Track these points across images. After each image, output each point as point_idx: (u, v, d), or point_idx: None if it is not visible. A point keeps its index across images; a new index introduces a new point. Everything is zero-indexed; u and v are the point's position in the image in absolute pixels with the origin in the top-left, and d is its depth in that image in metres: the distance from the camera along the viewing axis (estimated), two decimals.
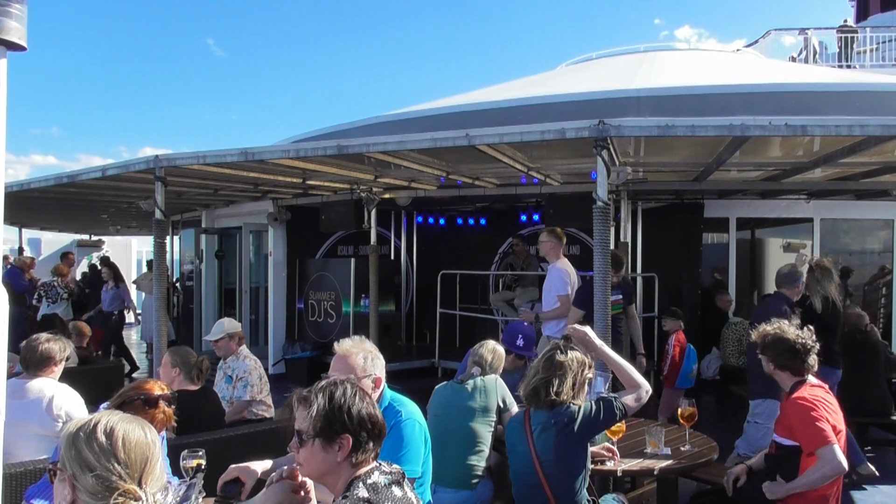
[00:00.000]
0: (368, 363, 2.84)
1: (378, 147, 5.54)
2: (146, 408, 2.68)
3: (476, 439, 3.64)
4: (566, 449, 2.96)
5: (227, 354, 5.14)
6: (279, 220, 10.04)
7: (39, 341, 3.83)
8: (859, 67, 16.16)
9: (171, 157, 6.24)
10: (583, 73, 13.66)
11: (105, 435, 1.60)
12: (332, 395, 1.93)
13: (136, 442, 1.62)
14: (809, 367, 3.25)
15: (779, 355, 3.27)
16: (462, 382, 3.80)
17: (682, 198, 9.03)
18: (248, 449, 3.64)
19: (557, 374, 3.03)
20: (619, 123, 4.56)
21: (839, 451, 2.99)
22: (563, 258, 6.04)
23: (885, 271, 9.66)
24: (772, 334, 3.32)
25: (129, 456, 1.60)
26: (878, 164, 6.47)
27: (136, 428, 1.66)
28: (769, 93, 9.75)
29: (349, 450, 1.89)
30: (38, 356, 3.77)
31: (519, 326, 4.79)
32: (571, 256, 10.33)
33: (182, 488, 2.33)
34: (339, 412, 1.90)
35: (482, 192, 8.81)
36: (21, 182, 8.33)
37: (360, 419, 1.91)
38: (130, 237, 20.20)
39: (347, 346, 2.86)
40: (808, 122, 4.53)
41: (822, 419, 3.05)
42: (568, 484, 2.97)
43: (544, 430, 2.99)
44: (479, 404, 3.70)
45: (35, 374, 3.76)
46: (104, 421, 1.64)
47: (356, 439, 1.90)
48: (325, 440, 1.89)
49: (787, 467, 3.15)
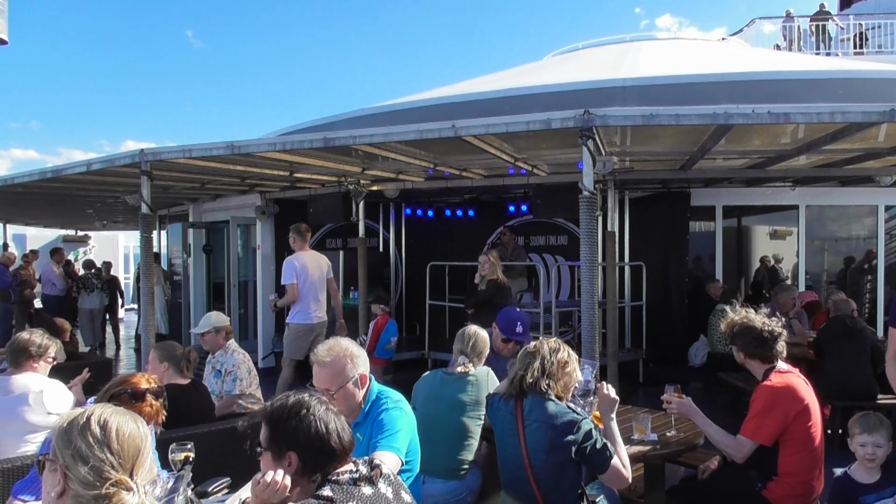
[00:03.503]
0: (349, 366, 2.78)
1: (365, 139, 5.53)
2: (133, 401, 2.68)
3: (466, 433, 3.64)
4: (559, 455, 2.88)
5: (215, 348, 5.13)
6: (267, 214, 10.00)
7: (21, 335, 3.85)
8: (842, 55, 16.28)
9: (157, 151, 6.20)
10: (569, 63, 13.66)
11: (99, 426, 1.62)
12: (283, 415, 1.93)
13: (129, 434, 1.64)
14: (778, 354, 3.29)
15: (748, 344, 3.32)
16: (452, 374, 3.79)
17: (668, 186, 9.08)
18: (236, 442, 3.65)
19: (527, 361, 3.05)
20: (604, 113, 4.57)
21: (749, 450, 3.16)
22: (301, 251, 6.94)
23: (871, 256, 9.76)
24: (739, 324, 3.37)
25: (122, 447, 1.61)
26: (861, 151, 6.53)
27: (129, 420, 1.68)
28: (753, 81, 9.79)
29: (297, 466, 1.89)
30: (16, 347, 3.78)
31: (514, 313, 4.69)
32: (558, 246, 10.50)
33: (170, 481, 2.34)
34: (284, 430, 1.90)
35: (470, 184, 8.81)
36: (4, 177, 8.25)
37: (306, 439, 1.89)
38: (117, 232, 20.08)
39: (323, 356, 2.78)
40: (791, 109, 4.57)
41: (772, 416, 3.12)
42: (557, 483, 2.93)
43: (540, 428, 2.92)
44: (469, 398, 3.68)
45: (17, 368, 3.75)
46: (98, 413, 1.66)
47: (302, 458, 1.89)
48: (274, 455, 1.91)
49: (763, 461, 3.19)
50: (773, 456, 3.16)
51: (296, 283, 6.76)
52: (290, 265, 6.86)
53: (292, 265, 6.85)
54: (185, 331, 10.99)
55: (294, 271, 6.81)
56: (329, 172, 7.96)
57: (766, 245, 10.75)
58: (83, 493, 1.56)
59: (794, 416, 3.10)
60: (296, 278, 6.78)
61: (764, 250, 10.72)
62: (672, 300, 9.11)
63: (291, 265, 6.86)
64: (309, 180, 8.80)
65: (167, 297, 12.63)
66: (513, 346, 4.40)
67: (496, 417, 3.17)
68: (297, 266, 6.84)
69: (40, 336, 3.89)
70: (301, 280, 6.80)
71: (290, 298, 6.79)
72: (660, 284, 9.02)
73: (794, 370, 3.32)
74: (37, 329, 4.02)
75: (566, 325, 9.23)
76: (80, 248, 17.99)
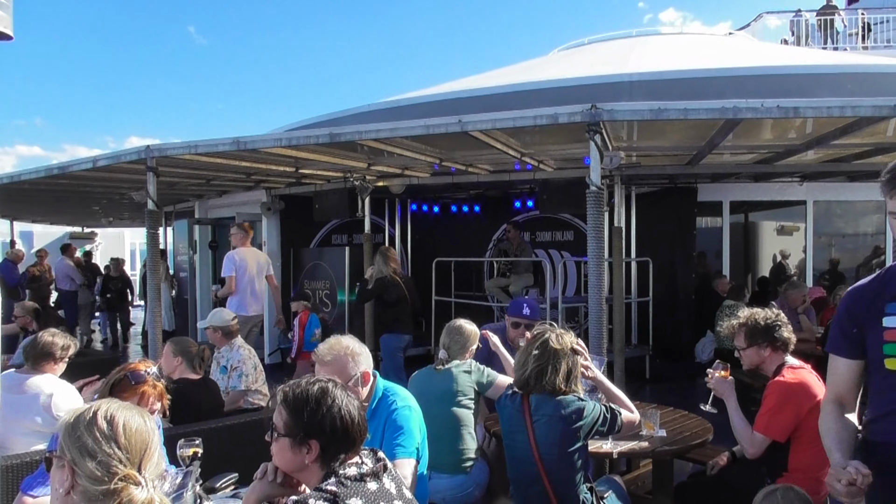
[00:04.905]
0: (350, 364, 2.78)
1: (370, 134, 5.51)
2: (134, 383, 2.68)
3: (460, 423, 3.62)
4: (570, 444, 2.89)
5: (218, 345, 5.16)
6: (272, 210, 10.00)
7: (43, 336, 3.82)
8: (850, 49, 16.18)
9: (163, 148, 6.20)
10: (575, 58, 13.61)
11: (106, 421, 1.61)
12: (307, 399, 1.90)
13: (136, 428, 1.63)
14: (787, 341, 3.27)
15: (751, 333, 3.29)
16: (436, 369, 3.79)
17: (675, 182, 9.04)
18: (243, 438, 3.66)
19: (552, 362, 2.98)
20: (611, 108, 4.56)
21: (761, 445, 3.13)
22: (242, 247, 7.48)
23: (878, 252, 9.71)
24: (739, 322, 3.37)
25: (129, 441, 1.60)
26: (870, 146, 6.49)
27: (136, 415, 1.67)
28: (761, 76, 9.75)
29: (317, 454, 1.87)
30: (39, 349, 3.75)
31: (520, 299, 4.80)
32: (565, 242, 10.47)
33: (179, 476, 2.34)
34: (310, 418, 1.87)
35: (476, 179, 8.79)
36: (11, 174, 8.28)
37: (332, 427, 1.87)
38: (123, 229, 20.14)
39: (324, 354, 2.78)
40: (800, 104, 4.53)
41: (785, 412, 3.09)
42: (567, 476, 2.92)
43: (549, 422, 2.91)
44: (456, 388, 3.67)
45: (35, 367, 3.73)
46: (104, 408, 1.65)
47: (324, 446, 1.87)
48: (294, 441, 1.88)
49: (773, 457, 3.17)
50: (783, 452, 3.14)
51: (234, 276, 7.23)
52: (230, 259, 7.35)
53: (232, 259, 7.34)
54: (191, 327, 11.01)
55: (233, 265, 7.28)
56: (334, 168, 7.96)
57: (773, 241, 10.69)
58: (91, 489, 1.55)
59: (807, 412, 3.08)
60: (234, 272, 7.25)
61: (771, 246, 10.67)
62: (679, 296, 9.07)
63: (231, 259, 7.34)
64: (314, 176, 8.80)
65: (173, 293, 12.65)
66: (523, 329, 4.37)
67: (503, 414, 3.16)
68: (237, 260, 7.32)
69: (63, 337, 3.86)
70: (239, 274, 7.27)
71: (228, 290, 7.28)
72: (667, 280, 8.99)
73: (807, 366, 3.30)
74: (56, 330, 4.00)
75: (573, 320, 9.21)
76: (87, 245, 18.04)
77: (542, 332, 3.11)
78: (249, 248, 7.60)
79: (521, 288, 9.15)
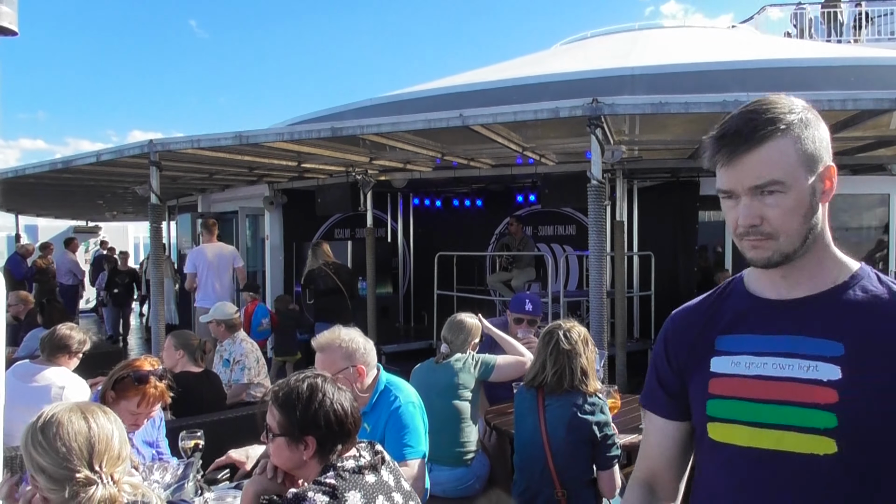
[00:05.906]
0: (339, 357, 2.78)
1: (372, 129, 5.52)
2: (137, 384, 2.70)
3: (460, 416, 3.64)
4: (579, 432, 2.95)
5: (220, 338, 5.19)
6: (275, 204, 10.01)
7: (61, 329, 3.86)
8: (854, 42, 16.11)
9: (166, 142, 6.22)
10: (578, 52, 13.58)
11: (41, 433, 1.67)
12: (298, 396, 1.91)
13: (75, 431, 1.66)
14: None
15: None
16: (437, 363, 3.81)
17: (677, 176, 9.02)
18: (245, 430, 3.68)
19: (569, 364, 3.04)
20: (612, 102, 4.56)
21: None
22: (207, 243, 7.78)
23: (882, 245, 9.69)
24: None
25: (69, 446, 1.64)
26: (873, 139, 6.47)
27: (77, 418, 1.70)
28: (764, 69, 9.71)
29: (314, 450, 1.89)
30: (56, 341, 3.79)
31: (522, 294, 4.85)
32: (567, 236, 10.47)
33: (180, 467, 2.36)
34: (302, 415, 1.89)
35: (478, 173, 8.79)
36: (16, 168, 8.32)
37: (326, 421, 1.89)
38: (127, 223, 20.20)
39: (317, 344, 2.78)
40: (802, 96, 4.50)
41: None
42: (572, 463, 2.97)
43: (563, 406, 2.99)
44: (457, 381, 3.69)
45: (50, 359, 3.76)
46: (43, 417, 1.70)
47: (320, 441, 1.89)
48: (290, 440, 1.89)
49: None
50: None
51: (195, 272, 7.62)
52: (191, 256, 7.84)
53: (193, 256, 7.80)
54: (193, 321, 11.04)
55: (193, 261, 7.71)
56: (337, 163, 7.97)
57: None
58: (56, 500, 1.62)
59: None
60: (195, 268, 7.65)
61: None
62: (681, 290, 9.06)
63: (192, 256, 7.82)
64: (317, 170, 8.81)
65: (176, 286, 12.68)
66: (526, 324, 4.40)
67: (517, 399, 3.27)
68: (196, 256, 7.74)
69: (79, 332, 3.91)
70: (200, 269, 7.62)
71: (189, 284, 7.76)
72: (669, 274, 8.98)
73: None
74: (73, 324, 4.04)
75: (574, 314, 9.21)
76: (91, 239, 18.10)
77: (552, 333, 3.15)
78: (215, 243, 7.84)
79: (523, 282, 9.15)
